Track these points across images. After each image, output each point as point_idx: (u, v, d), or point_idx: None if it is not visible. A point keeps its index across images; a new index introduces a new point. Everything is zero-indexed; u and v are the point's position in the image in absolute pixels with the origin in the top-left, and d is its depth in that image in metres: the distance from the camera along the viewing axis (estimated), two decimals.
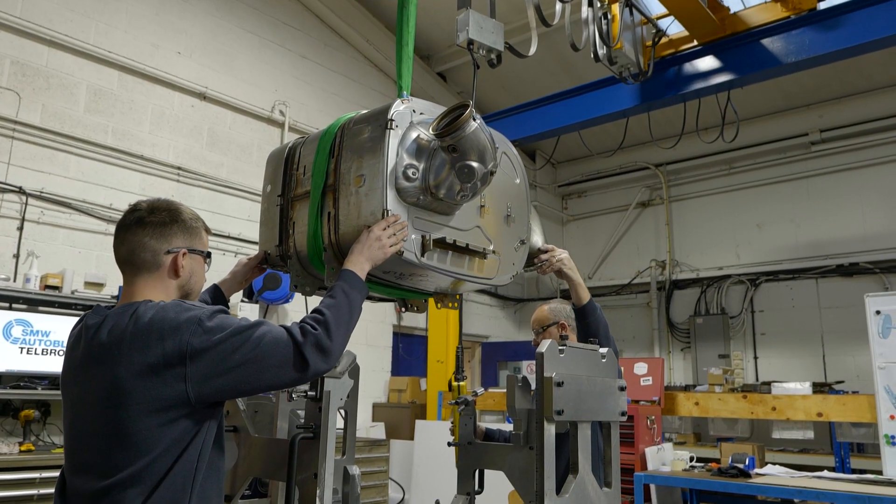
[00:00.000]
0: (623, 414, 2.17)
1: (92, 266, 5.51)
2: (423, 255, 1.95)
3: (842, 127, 8.44)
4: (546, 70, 8.71)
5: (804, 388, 5.93)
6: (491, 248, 2.16)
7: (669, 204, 9.82)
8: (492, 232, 2.18)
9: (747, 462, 4.58)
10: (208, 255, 1.87)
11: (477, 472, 2.37)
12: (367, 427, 7.43)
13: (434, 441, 6.41)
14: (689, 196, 9.71)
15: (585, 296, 2.85)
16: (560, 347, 1.99)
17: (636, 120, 6.85)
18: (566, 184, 10.99)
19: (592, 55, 4.65)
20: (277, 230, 2.17)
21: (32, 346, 4.79)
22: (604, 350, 2.19)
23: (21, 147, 5.33)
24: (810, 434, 6.11)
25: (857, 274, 8.09)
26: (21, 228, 5.22)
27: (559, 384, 1.91)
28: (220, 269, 6.81)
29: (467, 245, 2.06)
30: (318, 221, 2.01)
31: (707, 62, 5.31)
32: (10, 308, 4.85)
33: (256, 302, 6.54)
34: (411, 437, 6.97)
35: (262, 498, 2.44)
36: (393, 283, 2.14)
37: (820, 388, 6.34)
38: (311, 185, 2.06)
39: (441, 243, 2.00)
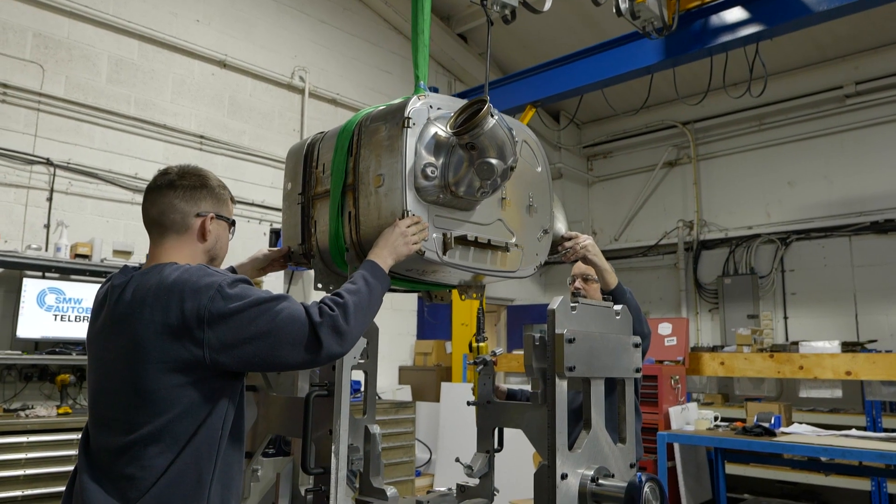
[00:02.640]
0: (637, 371, 2.15)
1: (120, 234, 5.63)
2: (444, 253, 1.94)
3: (878, 78, 8.10)
4: (568, 28, 8.51)
5: (832, 346, 5.83)
6: (513, 240, 2.14)
7: (697, 163, 9.62)
8: (514, 224, 2.16)
9: (773, 421, 4.55)
10: (233, 223, 1.91)
11: (496, 430, 2.40)
12: (394, 389, 7.54)
13: (459, 402, 6.48)
14: (718, 154, 9.49)
15: (613, 280, 2.81)
16: (572, 304, 1.98)
17: (662, 77, 6.68)
18: (591, 144, 10.82)
19: (614, 9, 4.52)
20: (300, 229, 2.17)
21: (66, 314, 4.93)
22: (618, 307, 2.17)
23: (47, 119, 5.41)
24: (838, 393, 6.03)
25: (892, 231, 7.87)
26: (50, 199, 5.33)
27: (570, 340, 1.90)
28: (243, 237, 6.87)
29: (489, 241, 2.05)
30: (340, 221, 2.01)
31: (735, 13, 5.12)
32: (44, 277, 4.99)
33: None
34: (437, 399, 7.06)
35: (285, 456, 2.50)
36: (416, 279, 2.15)
37: (851, 347, 6.23)
38: (330, 184, 2.05)
39: (462, 240, 1.99)
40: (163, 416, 1.54)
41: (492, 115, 1.84)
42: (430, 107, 1.97)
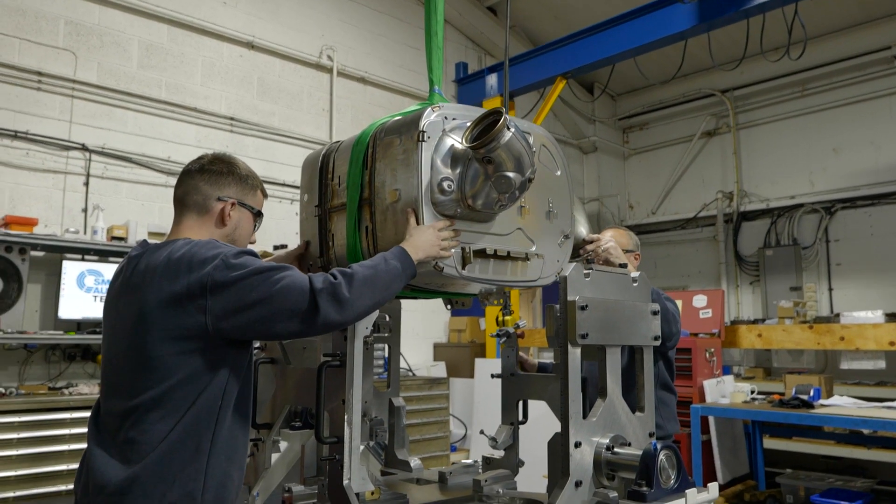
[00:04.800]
0: (656, 338, 2.11)
1: (155, 217, 5.74)
2: (464, 267, 1.92)
3: None
4: None
5: (875, 316, 5.61)
6: (533, 249, 2.12)
7: (737, 132, 9.32)
8: (534, 231, 2.13)
9: (812, 393, 4.42)
10: (259, 213, 1.93)
11: (520, 402, 2.39)
12: (429, 366, 7.58)
13: (494, 378, 6.48)
14: (759, 122, 9.18)
15: None
16: (585, 271, 1.94)
17: (697, 43, 6.48)
18: (626, 116, 10.58)
19: None
20: (318, 241, 2.18)
21: (105, 294, 5.06)
22: (635, 274, 2.12)
23: (81, 105, 5.53)
24: (881, 364, 5.82)
25: None
26: (87, 184, 5.47)
27: (583, 307, 1.87)
28: (276, 217, 6.90)
29: (508, 253, 2.03)
30: (357, 235, 2.01)
31: None
32: (83, 259, 5.13)
33: None
34: (471, 375, 7.08)
35: (311, 429, 2.53)
36: (436, 290, 2.17)
37: None
38: (346, 197, 2.05)
39: (482, 254, 1.97)
40: (164, 382, 1.59)
41: (508, 128, 1.78)
42: (445, 118, 1.94)
